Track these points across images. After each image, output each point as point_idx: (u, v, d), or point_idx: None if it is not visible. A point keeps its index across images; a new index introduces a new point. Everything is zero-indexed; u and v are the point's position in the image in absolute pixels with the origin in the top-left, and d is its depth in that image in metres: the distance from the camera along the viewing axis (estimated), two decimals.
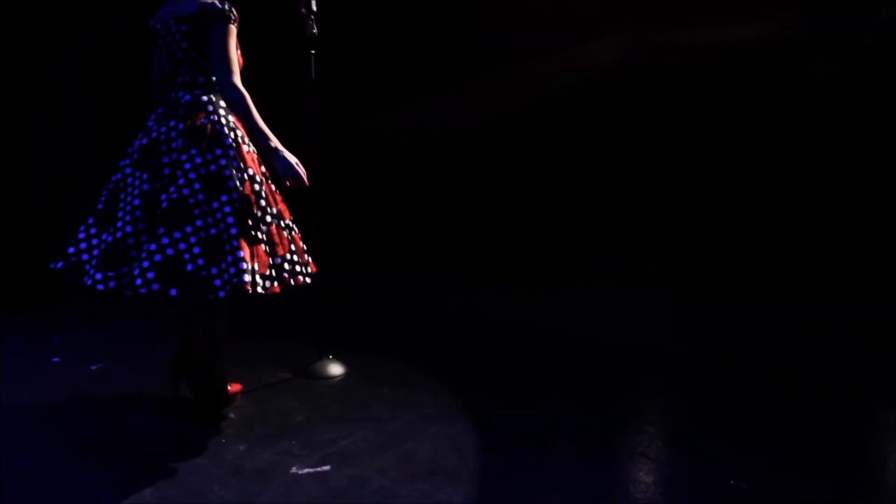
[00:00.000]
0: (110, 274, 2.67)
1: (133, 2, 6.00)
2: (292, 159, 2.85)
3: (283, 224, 2.99)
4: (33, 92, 6.20)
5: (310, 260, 3.11)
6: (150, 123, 2.95)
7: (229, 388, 3.14)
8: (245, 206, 2.80)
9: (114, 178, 2.92)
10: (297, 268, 2.98)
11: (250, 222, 2.79)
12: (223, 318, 3.04)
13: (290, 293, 3.01)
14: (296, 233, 3.08)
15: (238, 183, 2.80)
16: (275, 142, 2.84)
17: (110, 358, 3.74)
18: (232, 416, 3.06)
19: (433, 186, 7.33)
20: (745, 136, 7.22)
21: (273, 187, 3.01)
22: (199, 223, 2.71)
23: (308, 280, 3.03)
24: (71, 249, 2.79)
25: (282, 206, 3.03)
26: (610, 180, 7.13)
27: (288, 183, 2.86)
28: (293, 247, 2.99)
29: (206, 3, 2.87)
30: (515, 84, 8.89)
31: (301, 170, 2.87)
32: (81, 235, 2.81)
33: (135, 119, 5.62)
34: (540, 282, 5.85)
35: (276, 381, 3.48)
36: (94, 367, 3.62)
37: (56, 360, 3.76)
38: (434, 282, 5.84)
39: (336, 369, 3.56)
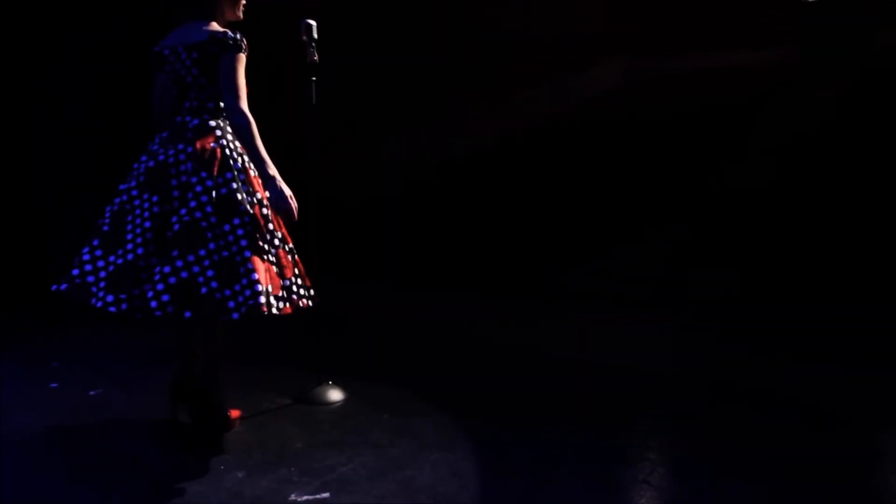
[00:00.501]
0: (122, 296, 2.69)
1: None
2: (287, 192, 2.88)
3: (287, 247, 3.02)
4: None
5: (310, 284, 3.12)
6: (155, 147, 2.95)
7: (228, 413, 3.12)
8: (256, 228, 2.83)
9: (117, 200, 2.91)
10: (302, 290, 3.01)
11: (262, 245, 2.83)
12: (221, 343, 3.03)
13: (289, 318, 3.00)
14: (297, 256, 3.09)
15: (249, 206, 2.84)
16: (273, 171, 2.87)
17: (109, 383, 3.72)
18: (230, 442, 3.03)
19: (433, 211, 7.34)
20: (745, 162, 7.23)
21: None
22: (212, 246, 2.74)
23: (310, 303, 3.05)
24: (76, 272, 2.77)
25: (284, 230, 3.05)
26: (609, 207, 7.13)
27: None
28: (296, 270, 3.02)
29: (218, 32, 2.90)
30: (515, 110, 8.91)
31: (293, 203, 2.90)
32: (87, 257, 2.80)
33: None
34: (539, 306, 5.82)
35: (275, 407, 3.45)
36: (92, 393, 3.60)
37: (54, 385, 3.74)
38: (434, 306, 5.82)
39: (335, 395, 3.54)
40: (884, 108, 6.74)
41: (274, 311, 2.76)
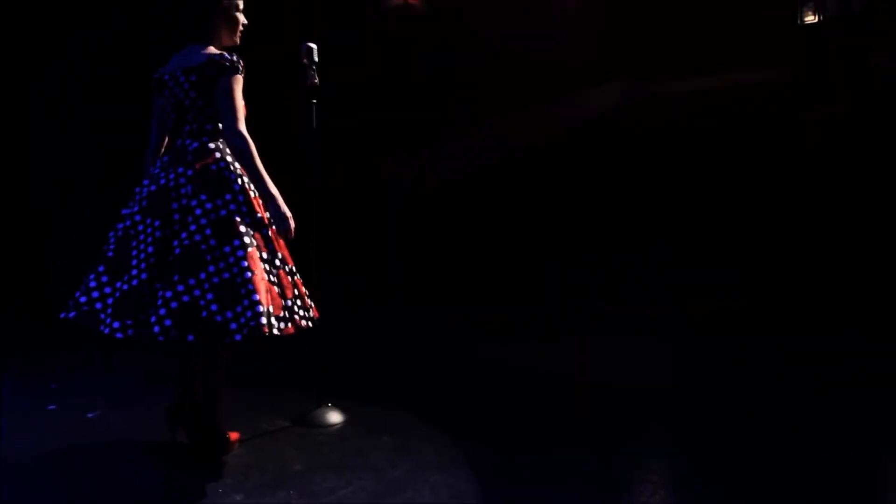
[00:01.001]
0: (129, 322, 2.71)
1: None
2: (286, 212, 2.91)
3: (287, 268, 3.01)
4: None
5: (312, 304, 3.12)
6: (156, 170, 2.96)
7: (227, 435, 3.10)
8: (257, 249, 2.83)
9: (120, 226, 2.93)
10: (302, 311, 3.00)
11: (263, 265, 2.82)
12: (220, 366, 3.02)
13: (289, 341, 2.99)
14: (297, 277, 3.09)
15: (249, 227, 2.84)
16: (273, 190, 2.90)
17: (107, 406, 3.69)
18: (229, 464, 3.01)
19: (434, 231, 7.35)
20: (743, 181, 7.26)
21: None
22: (211, 268, 2.74)
23: (311, 324, 3.04)
24: (83, 298, 2.81)
25: (284, 251, 3.05)
26: (610, 226, 7.14)
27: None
28: (297, 290, 3.01)
29: (215, 55, 2.91)
30: (514, 130, 8.95)
31: (291, 223, 2.92)
32: (93, 284, 2.83)
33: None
34: (539, 326, 5.79)
35: (274, 429, 3.42)
36: (90, 415, 3.57)
37: (52, 407, 3.70)
38: (433, 327, 5.79)
39: (335, 417, 3.50)
40: (883, 127, 6.79)
41: (275, 331, 2.75)
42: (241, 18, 3.10)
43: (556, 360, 4.86)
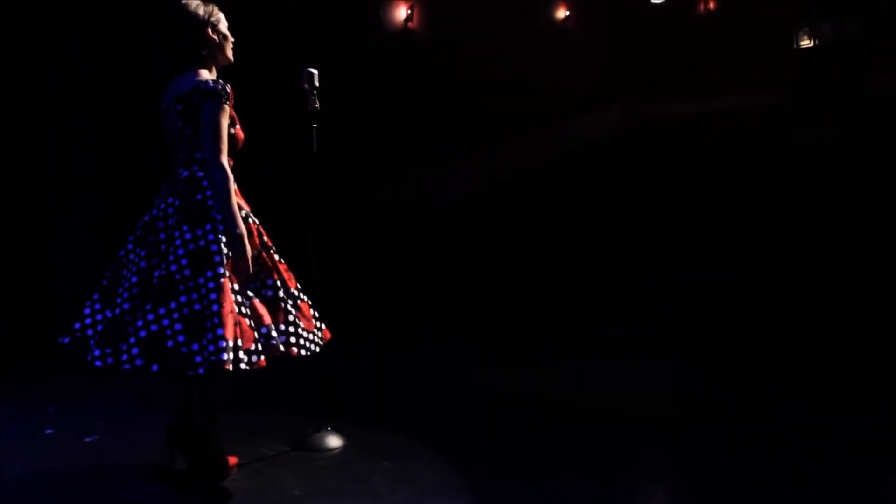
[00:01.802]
0: (108, 350, 2.73)
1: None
2: (248, 253, 2.83)
3: (280, 294, 2.97)
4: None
5: (319, 329, 3.10)
6: (156, 201, 2.96)
7: (225, 460, 3.06)
8: (230, 280, 2.78)
9: (120, 254, 2.95)
10: (292, 339, 2.95)
11: (236, 296, 2.78)
12: (214, 389, 2.98)
13: (289, 364, 2.95)
14: (302, 301, 3.06)
15: (226, 258, 2.78)
16: (240, 229, 2.83)
17: (105, 430, 3.64)
18: (228, 489, 2.96)
19: (433, 255, 7.33)
20: (740, 202, 7.26)
21: (277, 257, 3.04)
22: (182, 299, 2.72)
23: (303, 352, 2.99)
24: (77, 325, 2.86)
25: (286, 276, 3.04)
26: (607, 248, 7.12)
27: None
28: (289, 317, 2.97)
29: (201, 82, 2.85)
30: (515, 153, 8.96)
31: (250, 266, 2.84)
32: (87, 311, 2.88)
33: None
34: (540, 351, 5.74)
35: (273, 454, 3.37)
36: (88, 440, 3.53)
37: (50, 431, 3.65)
38: (434, 350, 5.76)
39: (334, 441, 3.46)
40: (877, 148, 6.84)
41: (243, 366, 2.68)
42: (229, 36, 3.03)
43: (556, 383, 4.81)
